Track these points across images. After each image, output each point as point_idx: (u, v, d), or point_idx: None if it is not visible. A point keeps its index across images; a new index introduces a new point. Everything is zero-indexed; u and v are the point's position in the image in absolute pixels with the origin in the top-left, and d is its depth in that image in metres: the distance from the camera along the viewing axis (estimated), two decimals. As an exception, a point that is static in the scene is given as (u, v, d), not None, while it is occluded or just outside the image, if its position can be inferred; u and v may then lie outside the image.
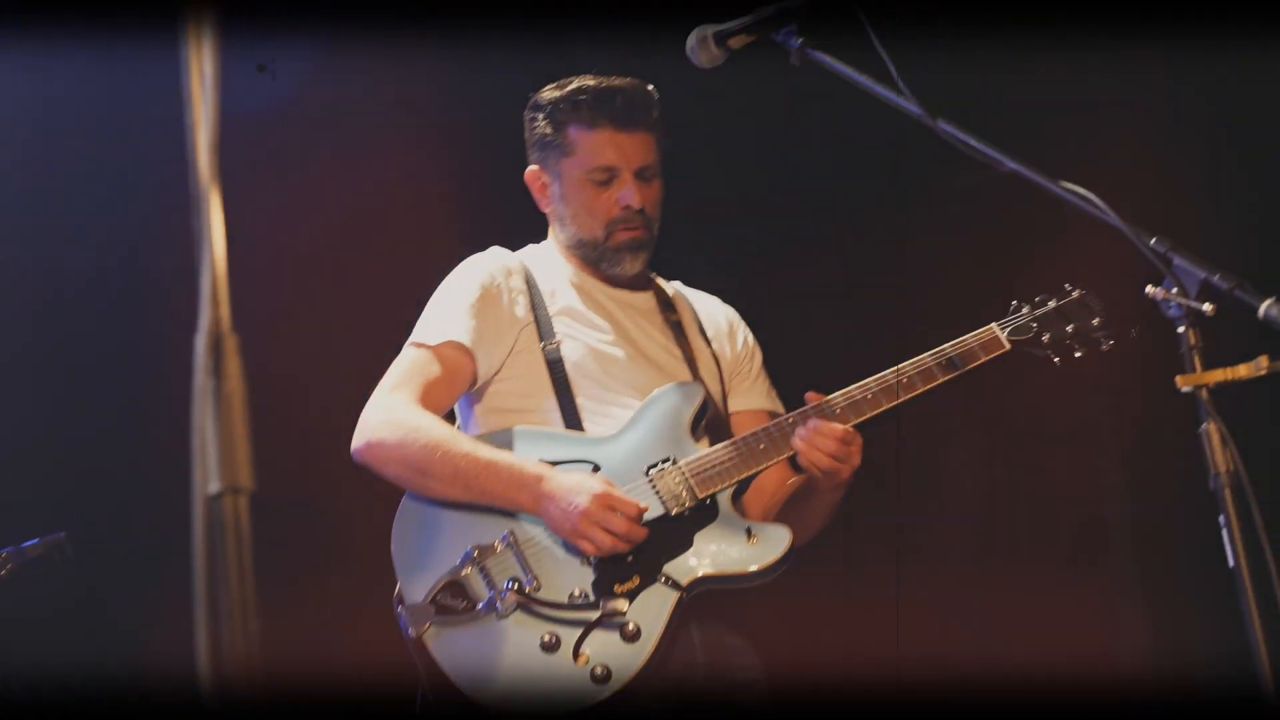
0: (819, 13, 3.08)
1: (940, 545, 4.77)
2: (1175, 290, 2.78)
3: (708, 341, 3.63)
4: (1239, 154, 4.43)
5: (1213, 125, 4.45)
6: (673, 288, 3.71)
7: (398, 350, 3.42)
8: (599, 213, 3.49)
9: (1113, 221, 2.84)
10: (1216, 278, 2.75)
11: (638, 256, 3.52)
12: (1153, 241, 2.81)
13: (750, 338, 3.71)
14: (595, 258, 3.52)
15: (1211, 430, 2.73)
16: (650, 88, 3.54)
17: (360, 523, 3.62)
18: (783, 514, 3.45)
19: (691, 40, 3.21)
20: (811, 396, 3.33)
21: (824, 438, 3.24)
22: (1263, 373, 2.74)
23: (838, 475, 3.28)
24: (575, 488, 3.16)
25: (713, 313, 3.71)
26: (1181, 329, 2.77)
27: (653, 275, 3.67)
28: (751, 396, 3.62)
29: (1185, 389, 2.76)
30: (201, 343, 1.73)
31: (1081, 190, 2.89)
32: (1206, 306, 2.75)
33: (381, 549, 3.27)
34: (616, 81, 3.51)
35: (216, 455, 1.72)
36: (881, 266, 4.74)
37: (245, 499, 1.73)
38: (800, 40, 3.08)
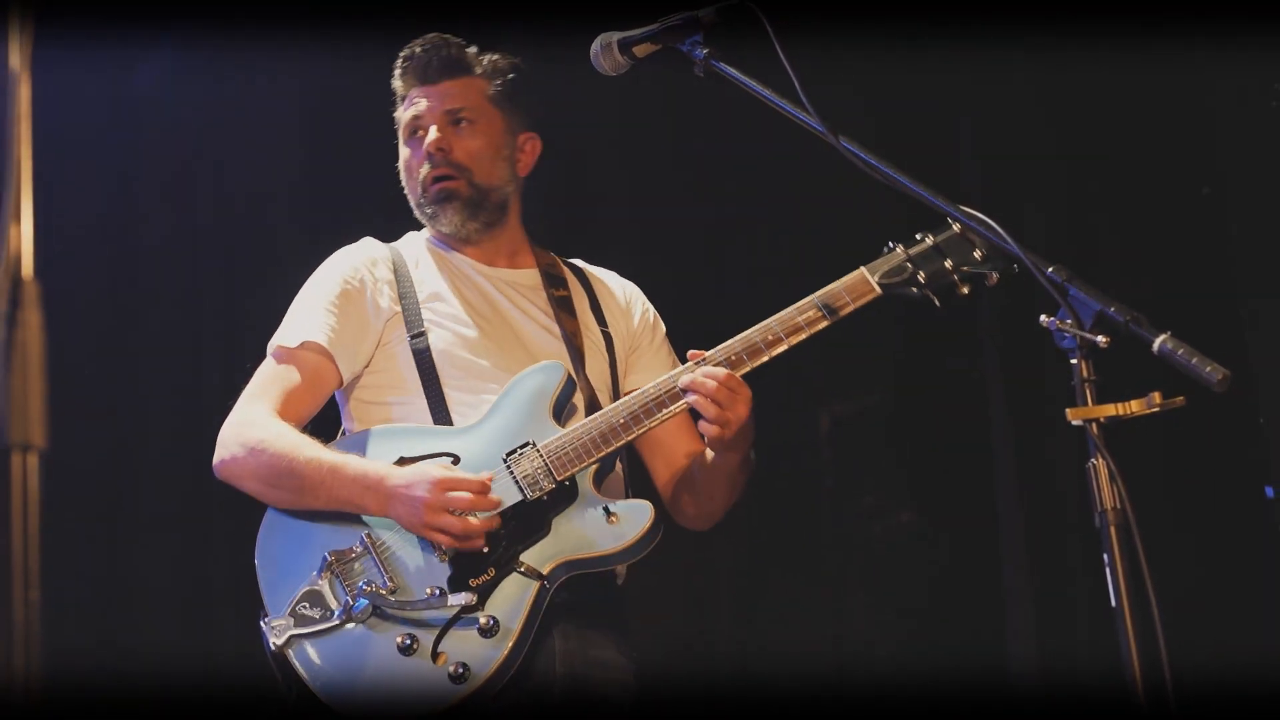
0: (726, 24, 3.01)
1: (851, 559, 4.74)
2: (1070, 321, 2.71)
3: (601, 318, 3.49)
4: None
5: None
6: (569, 264, 3.59)
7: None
8: (414, 168, 3.43)
9: (1011, 250, 2.78)
10: (1112, 310, 2.68)
11: (452, 206, 3.39)
12: (1050, 270, 2.74)
13: (651, 311, 3.57)
14: (431, 219, 3.43)
15: (1099, 466, 2.66)
16: (459, 40, 3.46)
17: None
18: (691, 485, 3.35)
19: (595, 46, 3.15)
20: (694, 354, 3.16)
21: (712, 383, 3.07)
22: (1155, 409, 2.67)
23: (723, 429, 3.09)
24: (414, 481, 3.04)
25: (610, 288, 3.58)
26: (1075, 360, 2.71)
27: (544, 250, 3.56)
28: (652, 370, 3.42)
29: (1076, 422, 2.69)
30: (-3, 288, 1.63)
31: (980, 216, 2.83)
32: (1101, 339, 2.68)
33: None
34: (419, 40, 3.47)
35: (7, 409, 1.61)
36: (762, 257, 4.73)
37: (35, 457, 1.62)
38: (705, 51, 3.01)
